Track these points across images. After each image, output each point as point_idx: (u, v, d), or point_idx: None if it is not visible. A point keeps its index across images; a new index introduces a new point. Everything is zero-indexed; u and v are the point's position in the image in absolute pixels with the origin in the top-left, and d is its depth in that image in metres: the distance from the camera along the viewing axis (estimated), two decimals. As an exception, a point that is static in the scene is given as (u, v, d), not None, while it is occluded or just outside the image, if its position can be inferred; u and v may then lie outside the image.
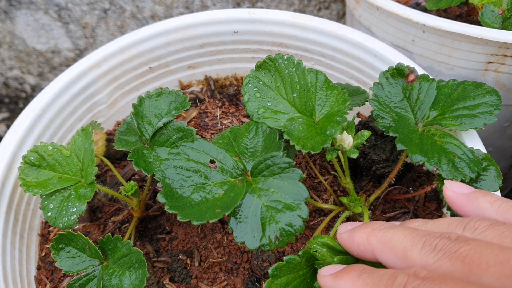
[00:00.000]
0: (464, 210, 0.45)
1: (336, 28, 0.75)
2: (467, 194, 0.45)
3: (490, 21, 0.80)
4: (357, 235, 0.44)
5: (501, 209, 0.41)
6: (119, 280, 0.53)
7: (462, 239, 0.36)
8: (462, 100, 0.60)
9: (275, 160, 0.51)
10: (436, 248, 0.36)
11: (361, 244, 0.43)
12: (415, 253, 0.37)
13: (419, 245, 0.37)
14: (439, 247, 0.36)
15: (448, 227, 0.40)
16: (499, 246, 0.34)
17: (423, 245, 0.37)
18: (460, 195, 0.45)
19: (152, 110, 0.64)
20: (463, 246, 0.35)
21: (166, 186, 0.50)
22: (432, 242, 0.37)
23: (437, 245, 0.36)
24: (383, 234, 0.41)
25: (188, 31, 0.79)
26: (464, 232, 0.39)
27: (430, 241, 0.37)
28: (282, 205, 0.49)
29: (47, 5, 1.26)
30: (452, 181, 0.48)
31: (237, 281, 0.61)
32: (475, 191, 0.45)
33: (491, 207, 0.42)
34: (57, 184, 0.57)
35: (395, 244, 0.39)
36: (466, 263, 0.33)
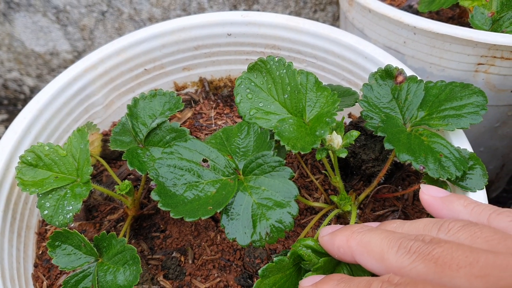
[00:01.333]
0: (440, 213, 0.46)
1: (328, 30, 0.76)
2: (442, 198, 0.47)
3: (480, 23, 0.82)
4: (337, 238, 0.45)
5: (474, 212, 0.43)
6: (114, 276, 0.54)
7: (435, 241, 0.38)
8: (450, 100, 0.62)
9: (266, 159, 0.53)
10: (411, 251, 0.38)
11: (341, 247, 0.45)
12: (391, 255, 0.39)
13: (394, 248, 0.39)
14: (413, 249, 0.38)
15: (424, 228, 0.42)
16: (469, 248, 0.36)
17: (398, 247, 0.39)
18: (436, 199, 0.47)
19: (146, 111, 0.65)
20: (436, 248, 0.37)
21: (159, 184, 0.52)
22: (407, 245, 0.38)
23: (412, 248, 0.38)
24: (361, 237, 0.43)
25: (183, 34, 0.81)
26: (438, 233, 0.40)
27: (405, 244, 0.39)
28: (272, 202, 0.50)
29: (46, 7, 1.28)
30: (428, 185, 0.50)
31: (230, 278, 0.62)
32: (449, 194, 0.47)
33: (464, 210, 0.44)
34: (53, 183, 0.58)
35: (373, 247, 0.41)
36: (439, 264, 0.35)
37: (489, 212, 0.42)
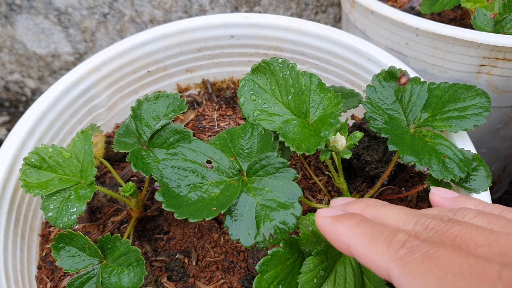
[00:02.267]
0: None
1: (330, 32, 0.77)
2: (453, 199, 0.46)
3: (482, 24, 0.82)
4: (351, 210, 0.43)
5: (485, 210, 0.42)
6: (118, 278, 0.54)
7: (454, 221, 0.37)
8: (453, 102, 0.62)
9: (270, 160, 0.53)
10: (428, 227, 0.36)
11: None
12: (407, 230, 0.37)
13: (411, 223, 0.38)
14: (430, 226, 0.36)
15: (440, 213, 0.40)
16: (489, 229, 0.35)
17: (415, 224, 0.37)
18: (446, 199, 0.46)
19: (150, 112, 0.65)
20: (454, 226, 0.35)
21: (163, 185, 0.52)
22: (425, 222, 0.37)
23: (429, 225, 0.37)
24: (377, 211, 0.41)
25: (186, 36, 0.81)
26: (454, 217, 0.39)
27: (422, 221, 0.37)
28: (276, 203, 0.50)
29: (47, 9, 1.28)
30: (439, 187, 0.49)
31: (234, 279, 0.62)
32: (460, 195, 0.46)
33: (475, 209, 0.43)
34: (57, 185, 0.58)
35: (388, 221, 0.39)
36: (457, 242, 0.34)
37: (500, 209, 0.41)
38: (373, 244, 0.37)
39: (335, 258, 0.49)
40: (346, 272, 0.49)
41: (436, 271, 0.31)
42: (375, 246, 0.36)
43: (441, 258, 0.32)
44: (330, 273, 0.49)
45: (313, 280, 0.48)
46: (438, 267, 0.31)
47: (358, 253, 0.38)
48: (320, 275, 0.48)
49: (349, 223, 0.39)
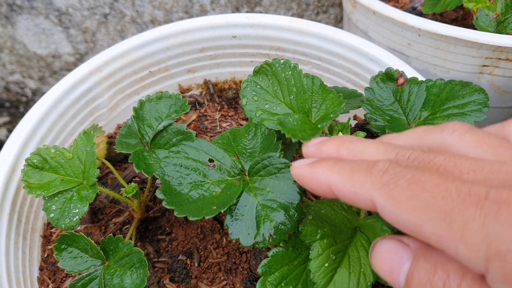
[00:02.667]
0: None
1: (332, 32, 0.76)
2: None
3: (485, 25, 0.82)
4: (325, 147, 0.41)
5: None
6: (121, 279, 0.54)
7: (436, 148, 0.35)
8: (451, 99, 0.62)
9: (272, 161, 0.52)
10: (410, 158, 0.35)
11: (329, 155, 0.41)
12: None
13: (391, 156, 0.36)
14: (412, 157, 0.35)
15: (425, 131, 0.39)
16: (473, 157, 0.33)
17: (395, 155, 0.36)
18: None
19: (152, 113, 0.65)
20: (437, 156, 0.34)
21: (165, 183, 0.51)
22: (405, 153, 0.35)
23: (410, 156, 0.35)
24: (354, 146, 0.39)
25: (188, 36, 0.81)
26: (443, 133, 0.37)
27: (402, 153, 0.36)
28: (277, 204, 0.50)
29: (48, 10, 1.28)
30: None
31: (236, 280, 0.62)
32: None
33: None
34: (59, 186, 0.58)
35: (367, 156, 0.38)
36: (441, 172, 0.33)
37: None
38: (354, 176, 0.35)
39: (345, 243, 0.49)
40: (360, 254, 0.48)
41: (422, 196, 0.30)
42: (355, 177, 0.35)
43: (427, 183, 0.31)
44: (344, 257, 0.48)
45: (324, 264, 0.47)
46: (425, 191, 0.30)
47: (339, 189, 0.36)
48: (332, 259, 0.48)
49: (326, 163, 0.38)
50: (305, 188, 0.41)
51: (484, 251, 0.27)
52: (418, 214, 0.30)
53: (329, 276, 0.47)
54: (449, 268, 0.31)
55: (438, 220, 0.29)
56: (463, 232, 0.28)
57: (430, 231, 0.30)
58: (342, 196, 0.36)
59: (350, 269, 0.47)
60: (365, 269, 0.47)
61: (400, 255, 0.35)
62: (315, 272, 0.47)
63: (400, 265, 0.35)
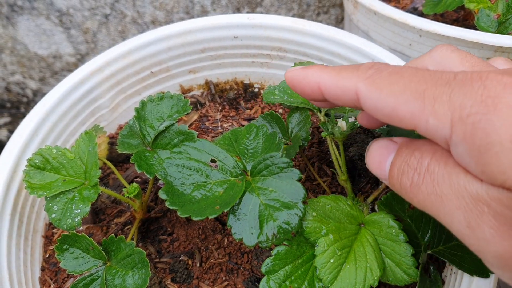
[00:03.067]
0: None
1: (333, 32, 0.76)
2: None
3: (486, 25, 0.82)
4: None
5: None
6: (123, 280, 0.54)
7: None
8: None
9: (274, 160, 0.52)
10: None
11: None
12: None
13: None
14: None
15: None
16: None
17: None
18: None
19: (154, 113, 0.65)
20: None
21: (167, 184, 0.52)
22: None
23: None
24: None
25: (189, 36, 0.81)
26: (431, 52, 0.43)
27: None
28: (280, 203, 0.50)
29: (49, 10, 1.28)
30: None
31: (238, 281, 0.62)
32: None
33: None
34: (61, 186, 0.58)
35: None
36: None
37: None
38: (341, 73, 0.40)
39: (350, 238, 0.49)
40: (366, 250, 0.48)
41: (401, 81, 0.35)
42: (342, 74, 0.39)
43: (406, 72, 0.36)
44: (349, 253, 0.48)
45: (330, 260, 0.47)
46: (404, 78, 0.35)
47: (327, 86, 0.40)
48: (337, 255, 0.48)
49: (318, 66, 0.43)
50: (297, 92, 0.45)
51: (449, 117, 0.31)
52: (396, 97, 0.34)
53: (336, 272, 0.47)
54: (423, 149, 0.37)
55: (413, 99, 0.33)
56: (433, 105, 0.32)
57: (405, 111, 0.34)
58: (328, 93, 0.41)
59: (356, 264, 0.48)
60: (371, 264, 0.47)
61: (388, 149, 0.41)
62: (321, 268, 0.47)
63: (387, 156, 0.41)
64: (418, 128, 0.34)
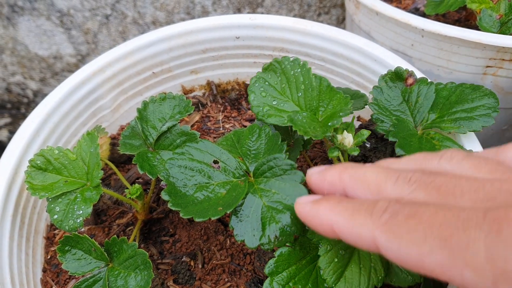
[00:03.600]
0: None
1: (336, 33, 0.76)
2: None
3: (488, 25, 0.82)
4: (328, 173, 0.42)
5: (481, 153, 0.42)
6: (125, 281, 0.54)
7: (436, 172, 0.36)
8: (460, 102, 0.61)
9: (278, 162, 0.52)
10: (411, 181, 0.36)
11: (332, 182, 0.42)
12: (389, 186, 0.36)
13: (393, 179, 0.37)
14: (413, 179, 0.35)
15: (425, 158, 0.39)
16: (473, 176, 0.34)
17: (397, 178, 0.36)
18: None
19: (156, 114, 0.65)
20: (438, 177, 0.34)
21: (170, 185, 0.51)
22: (406, 176, 0.36)
23: (412, 178, 0.36)
24: (355, 171, 0.40)
25: (191, 37, 0.80)
26: (441, 161, 0.38)
27: (404, 175, 0.36)
28: (282, 206, 0.50)
29: (50, 11, 1.28)
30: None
31: (240, 282, 0.62)
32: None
33: None
34: (63, 187, 0.57)
35: (368, 179, 0.38)
36: (441, 192, 0.33)
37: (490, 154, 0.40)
38: (355, 216, 0.35)
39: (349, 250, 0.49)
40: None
41: (421, 226, 0.31)
42: (357, 218, 0.35)
43: (424, 213, 0.31)
44: (353, 253, 0.48)
45: (334, 260, 0.47)
46: (422, 222, 0.31)
47: (342, 230, 0.36)
48: (341, 255, 0.47)
49: (329, 203, 0.39)
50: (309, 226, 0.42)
51: (490, 272, 0.27)
52: (418, 246, 0.30)
53: (339, 272, 0.47)
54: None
55: (438, 249, 0.29)
56: (465, 256, 0.28)
57: (433, 262, 0.29)
58: (344, 238, 0.36)
59: (360, 264, 0.47)
60: (375, 264, 0.47)
61: None
62: (325, 269, 0.47)
63: None
64: (453, 281, 0.29)
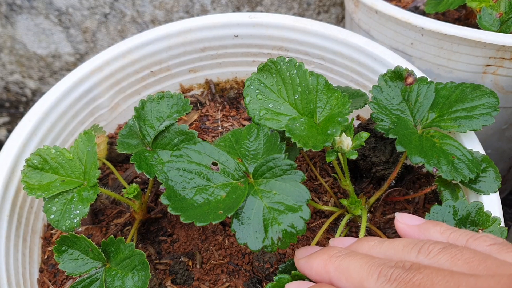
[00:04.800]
0: None
1: (336, 31, 0.76)
2: (419, 226, 0.47)
3: (488, 24, 0.81)
4: (314, 262, 0.45)
5: (451, 238, 0.43)
6: (122, 281, 0.53)
7: (415, 267, 0.38)
8: (461, 102, 0.61)
9: (277, 162, 0.52)
10: (391, 278, 0.38)
11: (318, 272, 0.44)
12: (371, 283, 0.39)
13: (374, 275, 0.39)
14: (393, 277, 0.38)
15: (404, 250, 0.42)
16: (450, 272, 0.36)
17: (378, 275, 0.39)
18: (412, 227, 0.47)
19: (154, 113, 0.64)
20: (416, 275, 0.37)
21: (169, 188, 0.51)
22: (387, 273, 0.38)
23: (392, 275, 0.38)
24: (339, 263, 0.43)
25: (189, 35, 0.80)
26: (418, 255, 0.40)
27: (385, 272, 0.39)
28: (284, 206, 0.49)
29: (48, 10, 1.27)
30: (403, 213, 0.49)
31: (239, 282, 0.61)
32: (425, 222, 0.47)
33: (441, 237, 0.44)
34: (60, 187, 0.57)
35: (352, 274, 0.41)
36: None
37: (466, 237, 0.42)
38: None
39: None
40: None
41: None
42: None
43: None
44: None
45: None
46: None
47: None
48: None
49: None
50: None
51: None
52: None
53: None
54: None
55: None
56: None
57: None
58: None
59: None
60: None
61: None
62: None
63: None
64: None
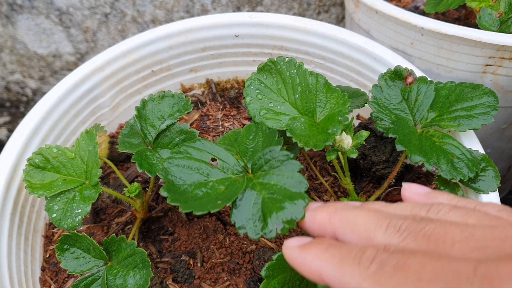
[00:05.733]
0: None
1: (336, 31, 0.76)
2: (425, 194, 0.44)
3: (488, 24, 0.81)
4: (319, 215, 0.42)
5: (459, 204, 0.41)
6: (124, 280, 0.54)
7: (427, 219, 0.36)
8: (460, 101, 0.61)
9: (274, 154, 0.52)
10: (401, 229, 0.35)
11: (322, 224, 0.42)
12: (379, 234, 0.36)
13: (383, 226, 0.37)
14: (403, 227, 0.35)
15: (412, 210, 0.39)
16: (463, 223, 0.34)
17: (387, 226, 0.36)
18: (419, 195, 0.44)
19: (155, 112, 0.65)
20: (428, 224, 0.34)
21: (168, 182, 0.51)
22: (397, 223, 0.36)
23: (402, 226, 0.35)
24: (346, 214, 0.40)
25: (190, 35, 0.80)
26: (428, 213, 0.38)
27: (394, 222, 0.36)
28: (282, 195, 0.49)
29: (49, 9, 1.27)
30: (411, 183, 0.46)
31: (240, 281, 0.62)
32: (433, 191, 0.45)
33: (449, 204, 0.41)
34: (61, 186, 0.57)
35: (359, 225, 0.38)
36: (432, 241, 0.33)
37: (474, 204, 0.40)
38: (343, 266, 0.35)
39: None
40: None
41: (409, 280, 0.30)
42: (345, 267, 0.35)
43: (412, 265, 0.31)
44: None
45: None
46: (410, 275, 0.30)
47: (330, 278, 0.36)
48: None
49: (317, 249, 0.38)
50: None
51: None
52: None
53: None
54: None
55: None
56: None
57: None
58: (333, 286, 0.36)
59: None
60: None
61: None
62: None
63: None
64: None
